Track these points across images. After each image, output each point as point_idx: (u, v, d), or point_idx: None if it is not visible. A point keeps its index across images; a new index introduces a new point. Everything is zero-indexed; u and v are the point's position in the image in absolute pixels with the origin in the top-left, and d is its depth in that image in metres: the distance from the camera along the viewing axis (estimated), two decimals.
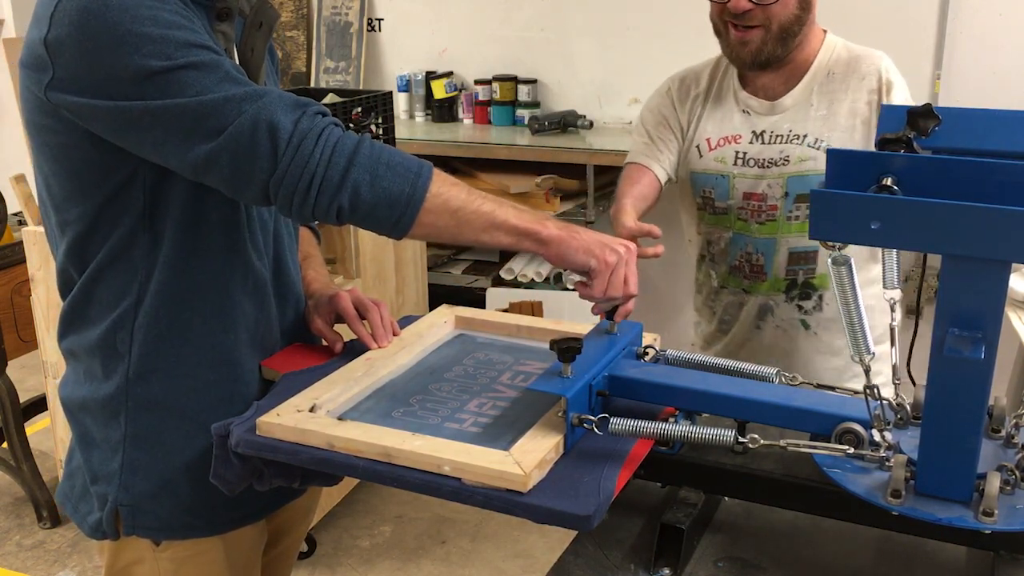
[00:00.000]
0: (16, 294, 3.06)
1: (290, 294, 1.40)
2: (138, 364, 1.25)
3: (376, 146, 1.17)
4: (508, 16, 3.81)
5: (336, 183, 1.14)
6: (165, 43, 1.10)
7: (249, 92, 1.12)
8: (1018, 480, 1.04)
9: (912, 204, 0.95)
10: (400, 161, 1.17)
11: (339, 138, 1.15)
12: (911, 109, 1.08)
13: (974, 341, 0.98)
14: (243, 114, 1.11)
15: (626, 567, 1.17)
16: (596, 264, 1.23)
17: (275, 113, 1.12)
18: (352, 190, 1.14)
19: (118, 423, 1.27)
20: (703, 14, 2.02)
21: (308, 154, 1.12)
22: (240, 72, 1.17)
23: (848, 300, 1.07)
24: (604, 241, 1.25)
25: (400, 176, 1.16)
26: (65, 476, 1.38)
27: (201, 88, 1.11)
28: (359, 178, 1.14)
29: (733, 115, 1.92)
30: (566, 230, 1.23)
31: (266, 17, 1.32)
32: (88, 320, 1.27)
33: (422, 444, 1.09)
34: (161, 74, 1.09)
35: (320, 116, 1.16)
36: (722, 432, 1.10)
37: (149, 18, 1.10)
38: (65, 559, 2.89)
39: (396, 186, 1.15)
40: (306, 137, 1.13)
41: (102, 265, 1.23)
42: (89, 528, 1.32)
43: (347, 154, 1.14)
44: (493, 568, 2.82)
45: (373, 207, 1.16)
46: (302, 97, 1.18)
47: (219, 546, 1.33)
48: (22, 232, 2.70)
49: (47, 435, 3.26)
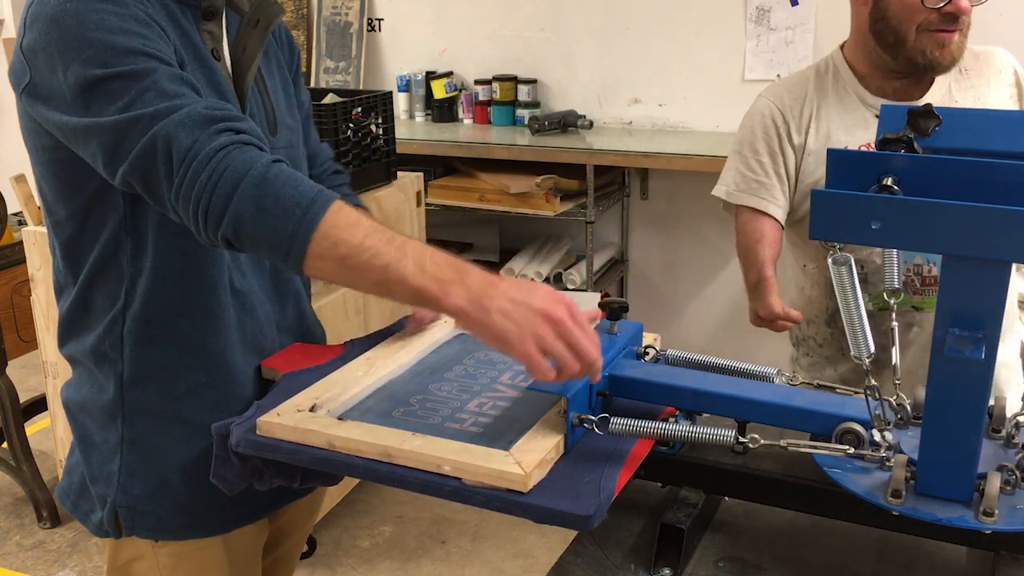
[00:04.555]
0: (16, 294, 3.06)
1: (289, 292, 1.39)
2: (130, 369, 1.26)
3: (271, 173, 1.06)
4: (508, 16, 3.82)
5: (220, 210, 1.05)
6: (104, 49, 1.08)
7: (161, 109, 1.07)
8: (1018, 480, 1.04)
9: (912, 204, 0.95)
10: (290, 195, 1.05)
11: (232, 162, 1.05)
12: (911, 109, 1.08)
13: (974, 341, 0.98)
14: (149, 132, 1.06)
15: (626, 567, 1.17)
16: (519, 354, 1.01)
17: (177, 131, 1.06)
18: (234, 220, 1.05)
19: (115, 426, 1.28)
20: (703, 14, 2.02)
21: (196, 178, 1.05)
22: (181, 81, 1.11)
23: (848, 300, 1.07)
24: (530, 325, 1.01)
25: (286, 211, 1.04)
26: (65, 472, 1.39)
27: (126, 102, 1.08)
28: (242, 208, 1.04)
29: (867, 122, 1.77)
30: (478, 302, 1.01)
31: (264, 14, 1.31)
32: (85, 326, 1.28)
33: (422, 444, 1.09)
34: (97, 83, 1.08)
35: (226, 133, 1.07)
36: (722, 432, 1.10)
37: (95, 22, 1.09)
38: (65, 559, 2.89)
39: (279, 222, 1.04)
40: (196, 158, 1.05)
41: (95, 271, 1.24)
42: (92, 526, 1.33)
43: (233, 181, 1.04)
44: (493, 568, 2.82)
45: (257, 240, 1.06)
46: (219, 111, 1.09)
47: (218, 544, 1.33)
48: (22, 232, 2.70)
49: (47, 435, 3.26)
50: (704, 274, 3.80)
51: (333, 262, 1.05)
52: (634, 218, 3.85)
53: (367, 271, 1.04)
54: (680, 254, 3.82)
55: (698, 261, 3.79)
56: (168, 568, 1.32)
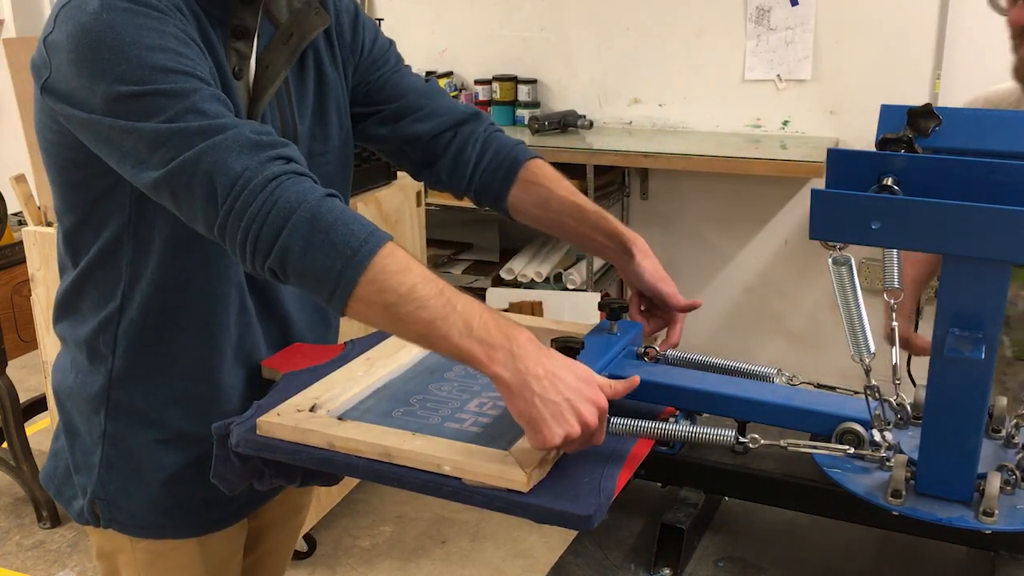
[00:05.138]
0: (16, 294, 3.06)
1: (275, 312, 1.35)
2: (120, 368, 1.26)
3: (324, 208, 1.03)
4: (508, 16, 3.82)
5: (269, 242, 1.02)
6: (142, 67, 1.06)
7: (205, 126, 1.04)
8: (1018, 480, 1.04)
9: (912, 204, 0.95)
10: (343, 232, 1.01)
11: (285, 193, 1.03)
12: (911, 109, 1.08)
13: (974, 341, 0.98)
14: (191, 149, 1.04)
15: (626, 567, 1.17)
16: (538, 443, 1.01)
17: (224, 156, 1.03)
18: (281, 254, 1.02)
19: (99, 419, 1.28)
20: (703, 14, 2.02)
21: (247, 206, 1.02)
22: (220, 102, 1.09)
23: (848, 300, 1.07)
24: (571, 409, 0.99)
25: (335, 249, 1.01)
26: (49, 456, 1.39)
27: (166, 117, 1.05)
28: (291, 242, 1.02)
29: None
30: (523, 376, 0.99)
31: (299, 28, 1.26)
32: (78, 313, 1.28)
33: (422, 444, 1.09)
34: (131, 98, 1.06)
35: (277, 162, 1.05)
36: (722, 432, 1.10)
37: (132, 39, 1.06)
38: (65, 559, 2.89)
39: (328, 260, 1.01)
40: (248, 187, 1.03)
41: (93, 264, 1.24)
42: (74, 513, 1.34)
43: (285, 213, 1.02)
44: (493, 568, 2.82)
45: (302, 277, 1.03)
46: (267, 136, 1.07)
47: (194, 544, 1.33)
48: (22, 232, 2.70)
49: (47, 435, 3.25)
50: (704, 274, 3.80)
51: (378, 308, 1.02)
52: (634, 218, 3.85)
53: (411, 323, 1.02)
54: (680, 254, 3.82)
55: (698, 261, 3.79)
56: (145, 564, 1.33)
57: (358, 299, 1.02)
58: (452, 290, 1.04)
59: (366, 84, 1.41)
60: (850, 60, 3.37)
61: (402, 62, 1.46)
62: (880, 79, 3.34)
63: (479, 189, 1.43)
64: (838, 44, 3.38)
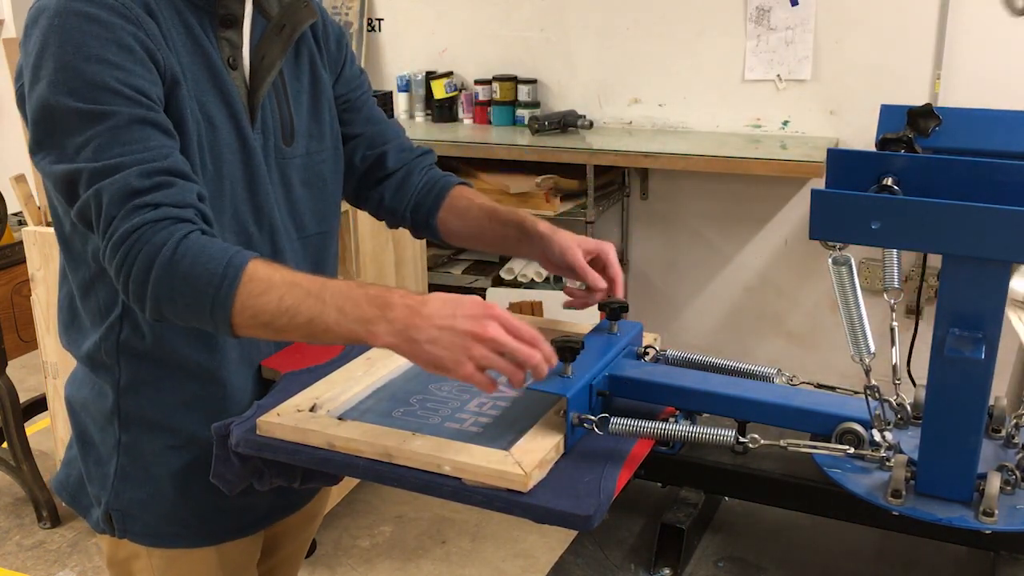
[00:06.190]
0: (16, 294, 3.06)
1: None
2: (126, 377, 1.26)
3: (178, 254, 1.06)
4: (508, 16, 3.82)
5: (139, 296, 1.08)
6: (75, 77, 1.09)
7: (99, 169, 1.08)
8: (1018, 480, 1.04)
9: (912, 204, 0.95)
10: (200, 273, 1.06)
11: (143, 246, 1.06)
12: (911, 109, 1.08)
13: (974, 341, 0.98)
14: (86, 192, 1.08)
15: (626, 567, 1.17)
16: (460, 378, 1.02)
17: (104, 202, 1.08)
18: (155, 305, 1.08)
19: (112, 429, 1.28)
20: (703, 14, 2.02)
21: (114, 257, 1.08)
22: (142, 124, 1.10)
23: (848, 300, 1.07)
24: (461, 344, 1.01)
25: (199, 292, 1.06)
26: (63, 464, 1.39)
27: (79, 143, 1.09)
28: (160, 294, 1.07)
29: None
30: (405, 333, 1.02)
31: (292, 20, 1.29)
32: (82, 328, 1.29)
33: (422, 444, 1.09)
34: (57, 111, 1.09)
35: (143, 211, 1.07)
36: (722, 432, 1.10)
37: (74, 45, 1.09)
38: (65, 559, 2.89)
39: (197, 304, 1.07)
40: (113, 239, 1.07)
41: (93, 275, 1.24)
42: (92, 522, 1.34)
43: (145, 267, 1.06)
44: (493, 568, 2.82)
45: (183, 319, 1.10)
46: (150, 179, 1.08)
47: (211, 552, 1.33)
48: (22, 232, 2.70)
49: (47, 435, 3.26)
50: (704, 274, 3.80)
51: (258, 329, 1.08)
52: (634, 218, 3.85)
53: (292, 331, 1.07)
54: (680, 254, 3.82)
55: (698, 261, 3.79)
56: (161, 570, 1.32)
57: (238, 328, 1.08)
58: (319, 284, 1.08)
59: (345, 100, 1.44)
60: (850, 60, 3.37)
61: (371, 91, 1.52)
62: (880, 79, 3.33)
63: (414, 209, 1.48)
64: (838, 44, 3.38)
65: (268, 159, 1.28)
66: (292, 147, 1.32)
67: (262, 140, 1.27)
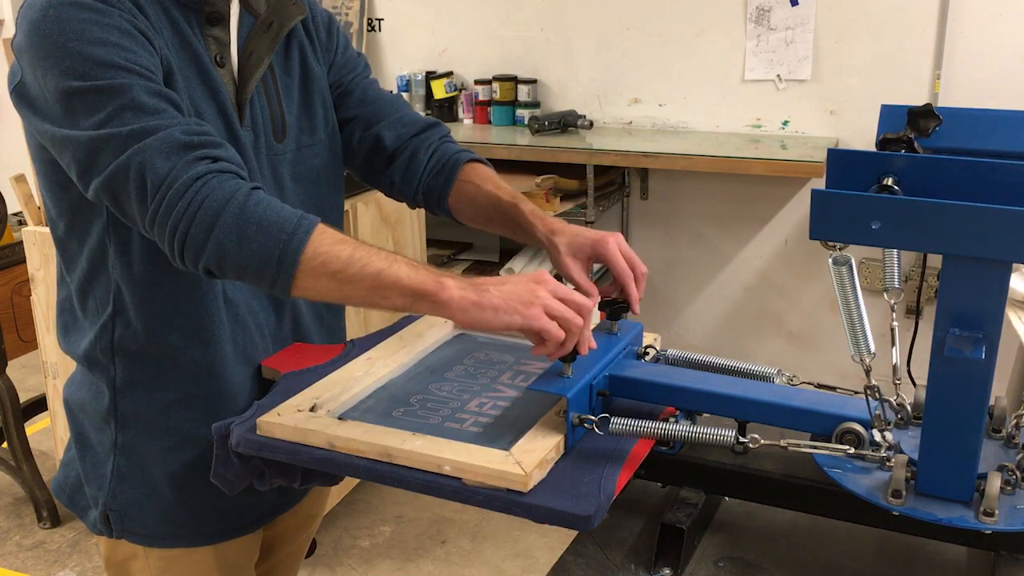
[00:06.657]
0: (16, 294, 3.06)
1: (286, 303, 1.36)
2: (122, 376, 1.26)
3: (251, 201, 1.07)
4: (508, 16, 3.82)
5: (201, 241, 1.06)
6: (82, 60, 1.08)
7: (137, 130, 1.07)
8: (1019, 480, 1.04)
9: (912, 204, 0.95)
10: (274, 220, 1.07)
11: (211, 192, 1.06)
12: (911, 109, 1.08)
13: (975, 341, 0.98)
14: (124, 153, 1.06)
15: (626, 567, 1.17)
16: (526, 318, 1.06)
17: (152, 157, 1.06)
18: (217, 250, 1.06)
19: (110, 430, 1.28)
20: (703, 14, 2.02)
21: (172, 207, 1.06)
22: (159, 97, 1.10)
23: (848, 300, 1.07)
24: (526, 292, 1.06)
25: (271, 237, 1.06)
26: (61, 466, 1.39)
27: (102, 118, 1.07)
28: (224, 238, 1.06)
29: None
30: (472, 289, 1.06)
31: (280, 17, 1.29)
32: (80, 329, 1.29)
33: (422, 444, 1.09)
34: (72, 94, 1.08)
35: (204, 161, 1.08)
36: (722, 432, 1.10)
37: (75, 32, 1.09)
38: (65, 559, 2.89)
39: (265, 248, 1.06)
40: (172, 187, 1.06)
41: (89, 275, 1.24)
42: (89, 523, 1.34)
43: (213, 211, 1.06)
44: (493, 568, 2.82)
45: (243, 269, 1.08)
46: (198, 136, 1.09)
47: (209, 552, 1.33)
48: (22, 232, 2.70)
49: (47, 435, 3.26)
50: (704, 274, 3.80)
51: (325, 278, 1.08)
52: (634, 218, 3.85)
53: (360, 280, 1.07)
54: (680, 254, 3.82)
55: (698, 261, 3.79)
56: (159, 570, 1.33)
57: (304, 275, 1.07)
58: (387, 250, 1.11)
59: (339, 86, 1.43)
60: (850, 60, 3.37)
61: (370, 72, 1.50)
62: (880, 79, 3.34)
63: (426, 192, 1.46)
64: (838, 44, 3.38)
65: (259, 156, 1.28)
66: (283, 143, 1.32)
67: (252, 137, 1.27)
